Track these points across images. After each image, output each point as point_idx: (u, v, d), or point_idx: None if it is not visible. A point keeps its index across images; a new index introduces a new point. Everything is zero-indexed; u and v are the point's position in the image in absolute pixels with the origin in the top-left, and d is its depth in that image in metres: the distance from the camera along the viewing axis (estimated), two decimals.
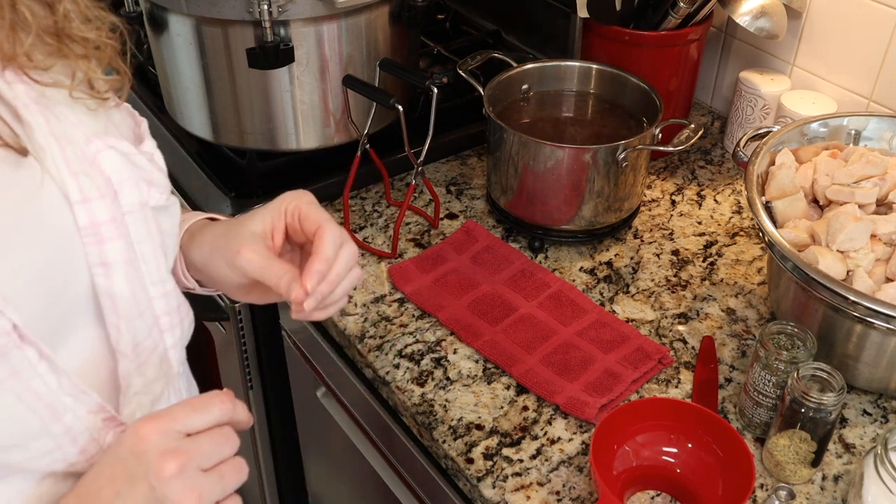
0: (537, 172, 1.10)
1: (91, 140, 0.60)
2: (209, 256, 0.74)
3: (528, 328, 1.03)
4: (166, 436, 0.56)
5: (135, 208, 0.61)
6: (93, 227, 0.59)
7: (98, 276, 0.59)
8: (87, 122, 0.61)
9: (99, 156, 0.60)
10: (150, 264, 0.63)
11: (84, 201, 0.58)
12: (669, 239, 1.19)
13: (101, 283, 0.60)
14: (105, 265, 0.59)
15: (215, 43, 1.14)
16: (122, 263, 0.60)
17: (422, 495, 1.06)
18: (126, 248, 0.60)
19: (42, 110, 0.57)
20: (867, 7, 1.19)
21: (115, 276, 0.60)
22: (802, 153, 1.04)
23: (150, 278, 0.63)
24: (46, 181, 0.57)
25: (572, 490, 0.87)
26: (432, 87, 1.11)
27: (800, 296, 0.95)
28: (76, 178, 0.58)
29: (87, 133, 0.60)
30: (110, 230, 0.60)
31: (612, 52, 1.23)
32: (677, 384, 0.98)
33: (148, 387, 0.64)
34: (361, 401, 1.11)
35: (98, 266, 0.59)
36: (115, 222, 0.60)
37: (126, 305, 0.61)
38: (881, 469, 0.78)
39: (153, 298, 0.63)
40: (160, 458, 0.55)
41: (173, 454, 0.55)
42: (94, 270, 0.59)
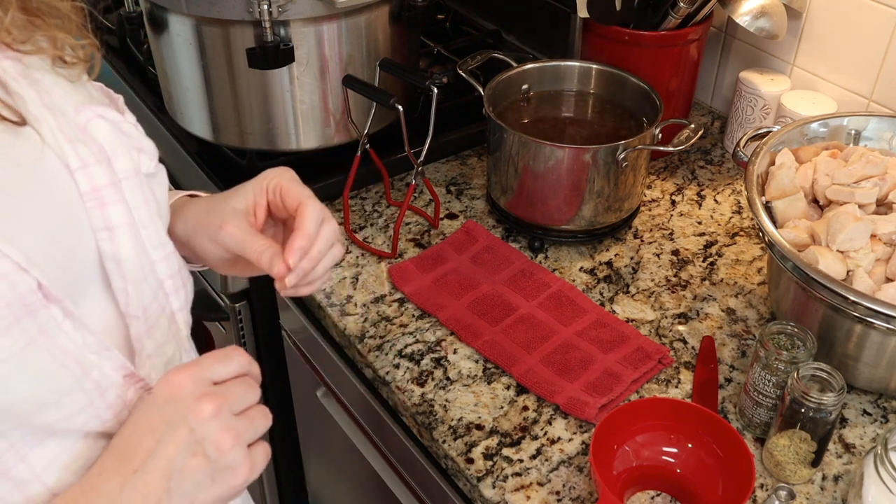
0: (537, 172, 1.10)
1: (80, 110, 0.61)
2: (192, 232, 0.75)
3: (528, 328, 1.03)
4: (198, 382, 0.59)
5: (129, 174, 0.62)
6: (94, 192, 0.60)
7: (103, 241, 0.60)
8: (73, 94, 0.61)
9: (89, 125, 0.61)
10: (150, 229, 0.63)
11: (83, 167, 0.59)
12: (669, 239, 1.19)
13: (106, 248, 0.60)
14: (109, 229, 0.60)
15: (215, 43, 1.14)
16: (124, 226, 0.61)
17: (422, 495, 1.06)
18: (126, 212, 0.61)
19: (30, 84, 0.58)
20: (867, 7, 1.19)
21: (119, 239, 0.61)
22: (802, 153, 1.04)
23: (151, 242, 0.63)
24: (46, 150, 0.58)
25: (572, 490, 0.87)
26: (432, 87, 1.11)
27: (800, 296, 0.95)
28: (73, 145, 0.59)
29: (74, 104, 0.61)
30: (110, 194, 0.60)
31: (612, 52, 1.23)
32: (677, 384, 0.98)
33: (160, 349, 0.65)
34: (361, 401, 1.11)
35: (102, 231, 0.60)
36: (115, 187, 0.61)
37: (132, 268, 0.62)
38: (881, 469, 0.78)
39: (155, 262, 0.64)
40: (197, 402, 0.58)
41: (209, 397, 0.58)
42: (99, 235, 0.60)
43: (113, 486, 0.58)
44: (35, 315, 0.54)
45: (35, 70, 0.59)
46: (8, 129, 0.56)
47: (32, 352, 0.54)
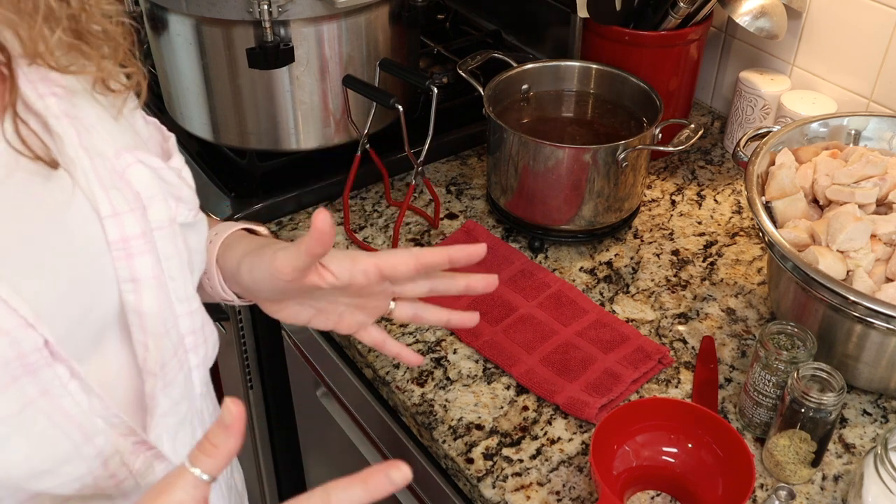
0: (537, 172, 1.10)
1: (120, 154, 0.58)
2: (240, 263, 0.73)
3: (528, 328, 1.03)
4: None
5: (163, 224, 0.60)
6: (123, 242, 0.57)
7: (127, 293, 0.58)
8: (116, 136, 0.59)
9: (128, 170, 0.58)
10: (177, 281, 0.61)
11: (114, 215, 0.57)
12: (669, 239, 1.19)
13: (130, 300, 0.58)
14: (134, 281, 0.58)
15: (215, 43, 1.14)
16: (151, 279, 0.59)
17: (422, 495, 1.06)
18: (155, 263, 0.59)
19: (72, 122, 0.56)
20: (867, 7, 1.19)
21: (144, 292, 0.58)
22: (802, 153, 1.04)
23: (177, 295, 0.61)
24: (77, 194, 0.56)
25: (572, 490, 0.87)
26: (432, 87, 1.11)
27: (800, 296, 0.95)
28: (107, 191, 0.57)
29: (116, 147, 0.59)
30: (140, 245, 0.58)
31: (612, 52, 1.23)
32: (677, 384, 0.98)
33: (174, 408, 0.63)
34: (361, 401, 1.11)
35: (127, 282, 0.58)
36: (145, 237, 0.58)
37: (154, 323, 0.59)
38: (881, 469, 0.78)
39: (179, 316, 0.62)
40: None
41: None
42: (123, 287, 0.58)
43: None
44: (37, 375, 0.51)
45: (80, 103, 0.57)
46: (40, 169, 0.53)
47: (29, 414, 0.52)
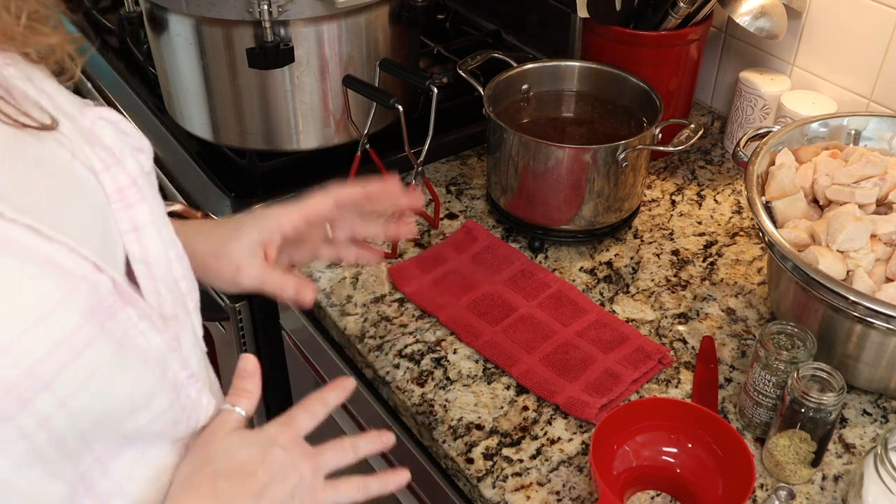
0: (537, 172, 1.10)
1: (84, 113, 0.60)
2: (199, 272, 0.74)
3: (528, 328, 1.03)
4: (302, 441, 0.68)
5: (139, 174, 0.61)
6: (119, 193, 0.59)
7: (131, 244, 0.59)
8: (70, 98, 0.60)
9: (95, 128, 0.60)
10: (163, 227, 0.63)
11: (105, 169, 0.58)
12: (669, 239, 1.19)
13: (135, 250, 0.59)
14: (136, 230, 0.59)
15: (215, 43, 1.14)
16: (150, 225, 0.60)
17: (422, 495, 1.06)
18: (149, 210, 0.60)
19: (38, 90, 0.57)
20: (867, 7, 1.19)
21: (147, 239, 0.60)
22: (802, 153, 1.04)
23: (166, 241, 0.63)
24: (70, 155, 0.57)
25: (572, 490, 0.87)
26: (432, 87, 1.11)
27: (800, 296, 0.95)
28: (91, 147, 0.58)
29: (77, 106, 0.60)
30: (133, 194, 0.60)
31: (612, 52, 1.23)
32: (677, 384, 0.98)
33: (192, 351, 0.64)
34: (361, 401, 1.11)
35: (130, 232, 0.59)
36: (135, 186, 0.60)
37: (160, 269, 0.61)
38: (881, 469, 0.78)
39: (171, 261, 0.63)
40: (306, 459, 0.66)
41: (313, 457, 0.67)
42: (126, 237, 0.59)
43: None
44: (116, 317, 0.54)
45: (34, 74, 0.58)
46: (33, 136, 0.54)
47: (123, 354, 0.54)
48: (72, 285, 0.50)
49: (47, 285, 0.49)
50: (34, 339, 0.48)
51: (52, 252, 0.50)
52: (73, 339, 0.50)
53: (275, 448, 0.64)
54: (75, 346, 0.50)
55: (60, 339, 0.49)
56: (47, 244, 0.50)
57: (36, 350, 0.48)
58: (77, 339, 0.50)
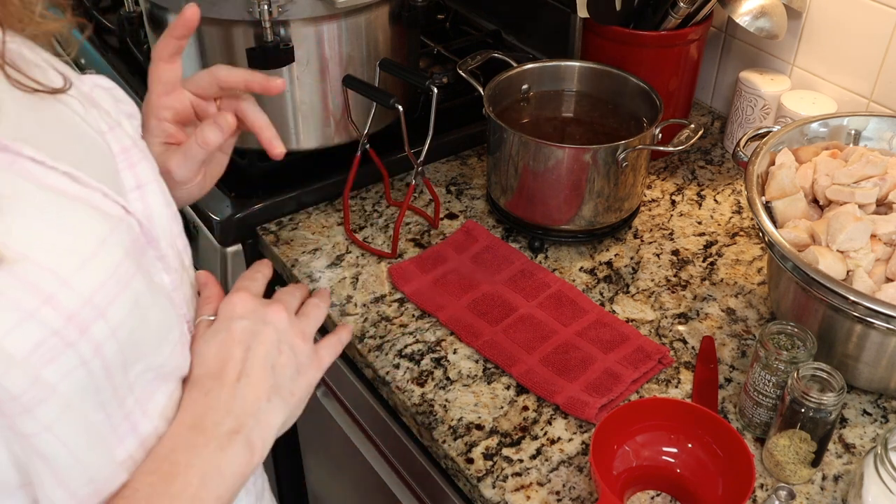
0: (537, 172, 1.10)
1: (82, 80, 0.63)
2: None
3: (528, 328, 1.03)
4: (256, 297, 0.68)
5: (136, 136, 0.65)
6: (124, 153, 0.62)
7: (135, 201, 0.61)
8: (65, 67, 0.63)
9: (93, 94, 0.63)
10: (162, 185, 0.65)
11: (110, 129, 0.62)
12: (669, 239, 1.19)
13: (138, 208, 0.61)
14: (140, 187, 0.62)
15: (215, 43, 1.14)
16: (153, 182, 0.63)
17: (422, 495, 1.06)
18: (151, 168, 0.64)
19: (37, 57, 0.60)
20: (867, 7, 1.19)
21: (150, 196, 0.63)
22: (802, 153, 1.04)
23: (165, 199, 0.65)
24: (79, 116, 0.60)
25: (572, 490, 0.87)
26: (432, 87, 1.11)
27: (800, 296, 0.95)
28: (97, 109, 0.62)
29: (73, 75, 0.62)
30: (135, 153, 0.63)
31: (612, 52, 1.23)
32: (677, 384, 0.98)
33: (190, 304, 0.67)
34: (361, 401, 1.11)
35: (134, 190, 0.62)
36: (136, 147, 0.64)
37: (163, 225, 0.63)
38: (881, 469, 0.78)
39: (170, 219, 0.66)
40: (270, 306, 0.67)
41: (275, 303, 0.68)
42: (131, 196, 0.61)
43: (224, 398, 0.62)
44: (144, 256, 0.58)
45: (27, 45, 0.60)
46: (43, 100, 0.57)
47: (152, 288, 0.58)
48: (113, 224, 0.55)
49: (96, 224, 0.54)
50: (91, 271, 0.52)
51: (90, 196, 0.55)
52: (118, 273, 0.54)
53: (235, 322, 0.65)
54: (121, 279, 0.54)
55: (111, 272, 0.53)
56: (85, 189, 0.54)
57: (93, 281, 0.52)
58: (121, 272, 0.54)
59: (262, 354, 0.64)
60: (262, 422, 0.64)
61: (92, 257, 0.52)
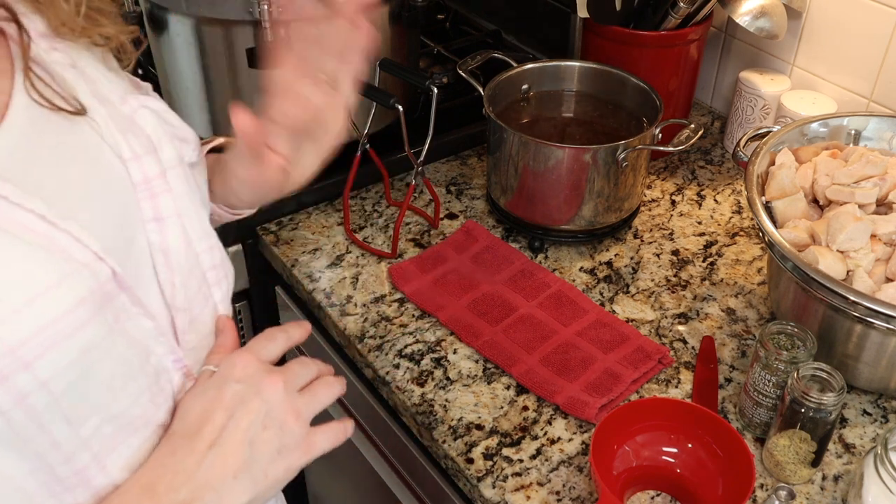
0: (537, 172, 1.10)
1: (126, 100, 0.62)
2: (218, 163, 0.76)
3: (528, 328, 1.03)
4: (262, 362, 0.65)
5: (174, 164, 0.63)
6: (146, 183, 0.61)
7: (152, 233, 0.61)
8: (116, 84, 0.62)
9: (135, 115, 0.62)
10: (193, 218, 0.64)
11: (135, 158, 0.60)
12: (669, 239, 1.19)
13: (155, 239, 0.61)
14: (158, 220, 0.61)
15: (215, 43, 1.14)
16: (174, 217, 0.62)
17: (422, 495, 1.06)
18: (175, 202, 0.62)
19: (79, 74, 0.59)
20: (867, 7, 1.19)
21: (169, 230, 0.62)
22: (802, 153, 1.04)
23: (195, 233, 0.64)
24: (100, 141, 0.59)
25: (572, 490, 0.87)
26: (432, 87, 1.11)
27: (800, 296, 0.95)
28: (124, 135, 0.60)
29: (119, 93, 0.62)
30: (160, 185, 0.61)
31: (612, 52, 1.23)
32: (677, 384, 0.98)
33: (202, 342, 0.66)
34: (361, 401, 1.11)
35: (152, 222, 0.61)
36: (163, 177, 0.62)
37: (179, 260, 0.62)
38: (881, 469, 0.78)
39: (199, 253, 0.64)
40: (269, 377, 0.63)
41: (277, 373, 0.64)
42: (149, 226, 0.61)
43: (189, 463, 0.59)
44: (112, 302, 0.55)
45: (78, 55, 0.60)
46: (64, 119, 0.57)
47: (111, 339, 0.55)
48: (70, 270, 0.52)
49: (43, 268, 0.51)
50: (19, 323, 0.50)
51: (56, 237, 0.52)
52: (63, 322, 0.51)
53: (228, 384, 0.62)
54: (65, 329, 0.51)
55: (48, 322, 0.51)
56: (51, 229, 0.52)
57: (21, 333, 0.50)
58: (68, 321, 0.52)
59: (243, 426, 0.60)
60: (223, 499, 0.59)
61: (25, 307, 0.50)
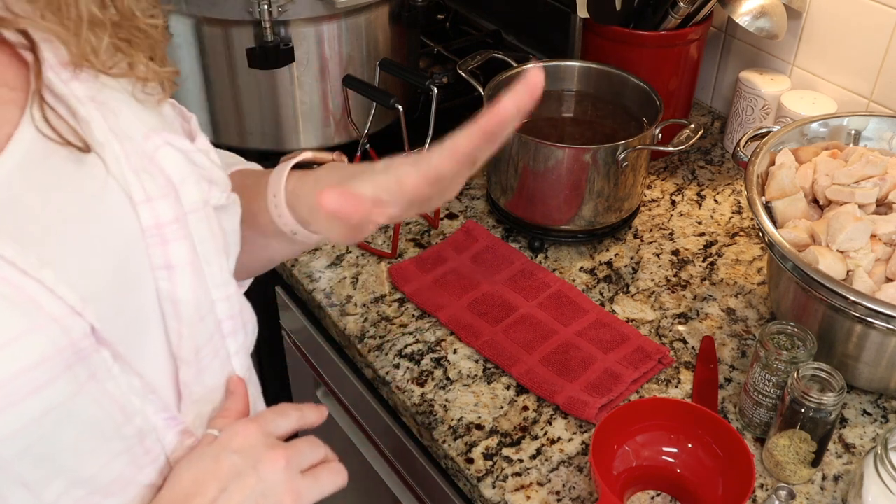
0: (537, 172, 1.10)
1: (149, 136, 0.57)
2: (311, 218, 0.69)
3: (528, 328, 1.03)
4: (267, 436, 0.61)
5: (197, 207, 0.59)
6: (157, 228, 0.56)
7: (161, 280, 0.57)
8: (143, 118, 0.58)
9: (158, 153, 0.57)
10: (213, 265, 0.60)
11: (147, 200, 0.56)
12: (669, 239, 1.19)
13: (164, 288, 0.57)
14: (169, 268, 0.57)
15: (215, 43, 1.14)
16: (186, 266, 0.58)
17: (422, 495, 1.06)
18: (190, 249, 0.58)
19: (98, 107, 0.55)
20: (867, 7, 1.19)
21: (179, 279, 0.58)
22: (802, 153, 1.04)
23: (213, 281, 0.60)
24: (109, 180, 0.55)
25: (572, 490, 0.87)
26: (432, 87, 1.11)
27: (800, 296, 0.95)
28: (138, 175, 0.56)
29: (144, 129, 0.57)
30: (174, 231, 0.57)
31: (612, 52, 1.23)
32: (677, 384, 0.98)
33: (209, 395, 0.62)
34: (361, 401, 1.11)
35: (161, 269, 0.57)
36: (179, 222, 0.57)
37: (188, 310, 0.58)
38: (881, 469, 0.78)
39: (215, 302, 0.61)
40: (271, 452, 0.59)
41: (281, 449, 0.60)
42: (158, 274, 0.57)
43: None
44: (87, 360, 0.51)
45: (108, 91, 0.57)
46: (71, 155, 0.53)
47: (79, 400, 0.51)
48: (34, 325, 0.48)
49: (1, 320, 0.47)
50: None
51: (25, 286, 0.48)
52: (18, 382, 0.47)
53: (226, 454, 0.59)
54: (20, 389, 0.48)
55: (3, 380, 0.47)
56: (21, 277, 0.48)
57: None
58: (23, 381, 0.48)
59: (235, 501, 0.57)
60: None
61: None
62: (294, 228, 0.70)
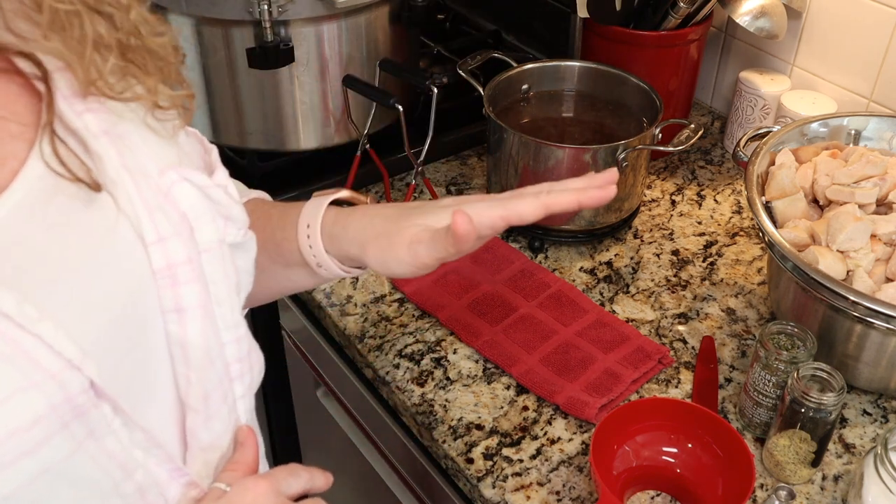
0: (537, 172, 1.10)
1: (165, 172, 0.55)
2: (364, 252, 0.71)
3: (528, 328, 1.03)
4: (278, 495, 0.60)
5: (212, 246, 0.57)
6: (168, 269, 0.54)
7: (171, 324, 0.55)
8: (159, 152, 0.56)
9: (173, 189, 0.55)
10: (224, 307, 0.58)
11: (160, 241, 0.54)
12: (669, 239, 1.19)
13: (174, 331, 0.55)
14: (179, 311, 0.55)
15: (215, 43, 1.14)
16: (197, 308, 0.56)
17: (422, 495, 1.06)
18: (202, 291, 0.56)
19: (112, 141, 0.53)
20: (867, 7, 1.19)
21: (189, 322, 0.56)
22: (802, 153, 1.04)
23: (224, 322, 0.58)
24: (120, 219, 0.53)
25: (572, 490, 0.87)
26: (432, 87, 1.11)
27: (800, 296, 0.95)
28: (151, 214, 0.54)
29: (160, 164, 0.55)
30: (186, 272, 0.55)
31: (612, 52, 1.23)
32: (677, 384, 0.98)
33: (216, 442, 0.60)
34: (361, 401, 1.11)
35: (172, 312, 0.55)
36: (192, 263, 0.55)
37: (198, 355, 0.56)
38: (881, 469, 0.78)
39: (225, 344, 0.59)
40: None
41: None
42: (168, 317, 0.55)
43: None
44: (85, 416, 0.49)
45: (124, 123, 0.55)
46: (81, 192, 0.51)
47: (77, 458, 0.49)
48: (29, 383, 0.46)
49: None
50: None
51: (21, 341, 0.46)
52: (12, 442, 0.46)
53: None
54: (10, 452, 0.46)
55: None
56: (18, 332, 0.46)
57: None
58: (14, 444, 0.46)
59: None
60: None
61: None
62: (321, 261, 0.71)
